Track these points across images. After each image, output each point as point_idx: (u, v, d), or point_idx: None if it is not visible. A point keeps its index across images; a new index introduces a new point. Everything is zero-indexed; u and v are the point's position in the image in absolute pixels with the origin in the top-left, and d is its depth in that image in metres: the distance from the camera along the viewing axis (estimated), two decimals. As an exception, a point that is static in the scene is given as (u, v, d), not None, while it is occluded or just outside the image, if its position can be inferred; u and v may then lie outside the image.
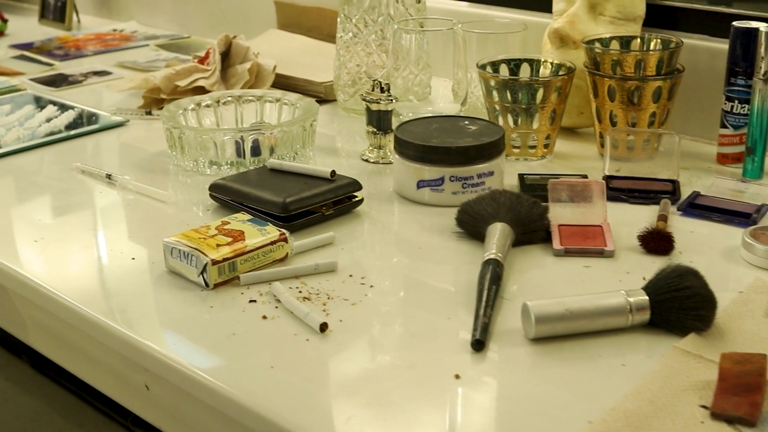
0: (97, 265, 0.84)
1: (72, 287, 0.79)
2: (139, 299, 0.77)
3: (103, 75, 1.41)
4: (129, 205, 0.95)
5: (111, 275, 0.82)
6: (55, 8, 1.76)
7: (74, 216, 0.93)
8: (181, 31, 1.69)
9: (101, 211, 0.95)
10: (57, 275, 0.81)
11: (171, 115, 1.05)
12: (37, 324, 0.85)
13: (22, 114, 1.20)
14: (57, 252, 0.86)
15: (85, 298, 0.77)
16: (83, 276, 0.81)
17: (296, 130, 1.02)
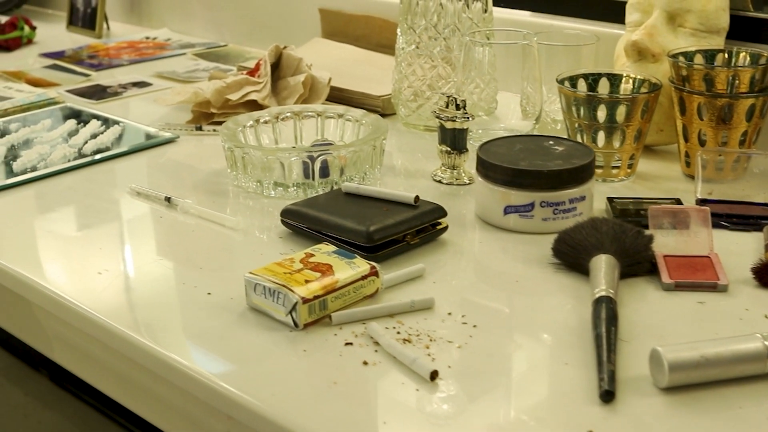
0: (170, 300, 0.77)
1: (147, 326, 0.72)
2: (222, 341, 0.70)
3: (142, 86, 1.34)
4: (193, 232, 0.89)
5: (188, 313, 0.75)
6: (84, 15, 1.70)
7: (136, 245, 0.87)
8: (216, 38, 1.62)
9: (163, 239, 0.88)
10: (128, 313, 0.75)
11: (231, 134, 0.98)
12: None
13: (64, 129, 1.14)
14: (124, 285, 0.79)
15: (161, 337, 0.70)
16: (157, 311, 0.74)
17: (366, 150, 0.96)
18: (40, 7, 1.94)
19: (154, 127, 1.14)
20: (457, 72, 1.08)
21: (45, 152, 1.06)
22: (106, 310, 0.74)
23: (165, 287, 0.79)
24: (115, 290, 0.78)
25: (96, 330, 0.74)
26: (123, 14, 1.77)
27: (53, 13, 1.92)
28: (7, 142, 1.10)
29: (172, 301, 0.76)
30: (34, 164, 1.03)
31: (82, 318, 0.75)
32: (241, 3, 1.58)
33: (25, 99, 1.24)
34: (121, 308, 0.75)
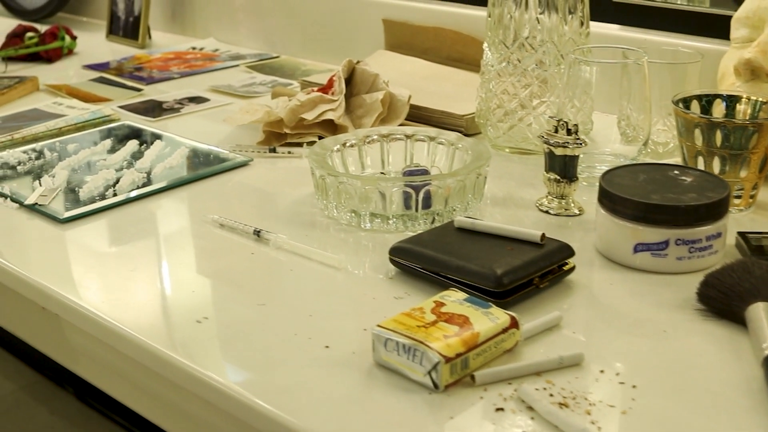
0: (285, 355, 0.68)
1: (266, 390, 0.64)
2: (353, 405, 0.62)
3: (199, 102, 1.26)
4: (292, 271, 0.80)
5: (308, 370, 0.66)
6: (126, 24, 1.62)
7: (232, 288, 0.78)
8: (267, 49, 1.54)
9: (260, 280, 0.80)
10: (238, 368, 0.67)
11: (321, 159, 0.90)
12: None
13: (127, 151, 1.06)
14: (227, 335, 0.70)
15: (285, 404, 0.62)
16: (271, 367, 0.66)
17: (471, 178, 0.88)
18: (75, 15, 1.86)
19: (223, 149, 1.06)
20: (559, 92, 1.01)
21: (111, 177, 0.98)
22: (214, 366, 0.67)
23: (276, 339, 0.70)
24: (219, 342, 0.70)
25: (213, 395, 0.66)
26: (164, 23, 1.69)
27: (88, 21, 1.84)
28: (67, 165, 1.01)
29: (288, 356, 0.68)
30: (101, 191, 0.95)
31: (189, 377, 0.67)
32: (293, 12, 1.50)
33: (79, 117, 1.16)
34: (229, 362, 0.68)
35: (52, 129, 1.13)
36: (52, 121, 1.14)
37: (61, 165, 1.01)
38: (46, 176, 0.98)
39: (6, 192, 0.94)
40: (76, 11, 1.87)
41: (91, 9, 1.84)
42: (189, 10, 1.65)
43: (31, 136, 1.11)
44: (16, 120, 1.16)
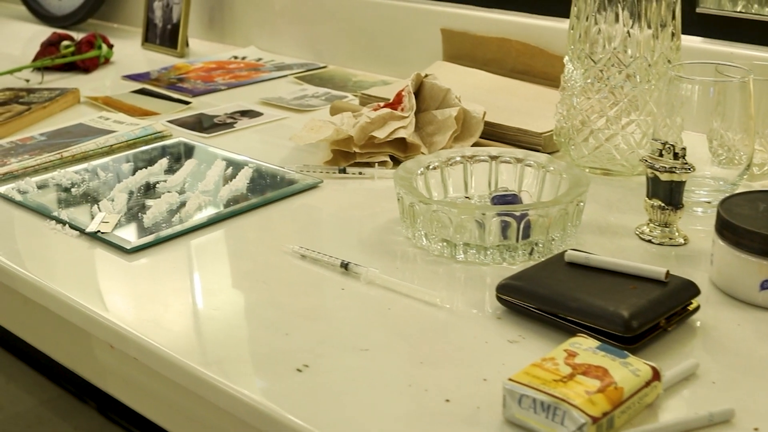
0: (403, 409, 0.61)
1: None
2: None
3: (252, 116, 1.20)
4: (390, 310, 0.73)
5: (433, 428, 0.60)
6: (164, 32, 1.55)
7: (330, 329, 0.71)
8: (313, 59, 1.47)
9: (357, 320, 0.72)
10: (338, 427, 0.60)
11: (408, 185, 0.84)
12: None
13: (186, 171, 0.99)
14: (330, 389, 0.64)
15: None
16: (388, 426, 0.60)
17: (572, 207, 0.82)
18: (107, 21, 1.79)
19: (288, 168, 1.00)
20: (651, 110, 0.95)
21: (175, 201, 0.91)
22: (324, 425, 0.60)
23: (389, 390, 0.63)
24: (324, 394, 0.63)
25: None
26: (202, 30, 1.62)
27: (119, 27, 1.76)
28: (125, 188, 0.95)
29: (406, 412, 0.61)
30: (166, 217, 0.88)
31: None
32: (342, 20, 1.43)
33: (130, 133, 1.09)
34: (339, 419, 0.61)
35: (103, 147, 1.06)
36: (102, 138, 1.07)
37: (118, 187, 0.94)
38: (105, 200, 0.91)
39: (63, 218, 0.88)
40: (107, 18, 1.80)
41: (123, 15, 1.77)
42: (228, 17, 1.59)
43: (81, 155, 1.04)
44: (62, 136, 1.10)
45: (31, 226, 0.89)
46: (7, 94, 1.27)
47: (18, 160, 1.02)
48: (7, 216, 0.92)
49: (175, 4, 1.52)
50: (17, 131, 1.16)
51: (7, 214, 0.92)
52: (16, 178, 0.99)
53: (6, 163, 1.02)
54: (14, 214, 0.92)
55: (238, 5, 1.57)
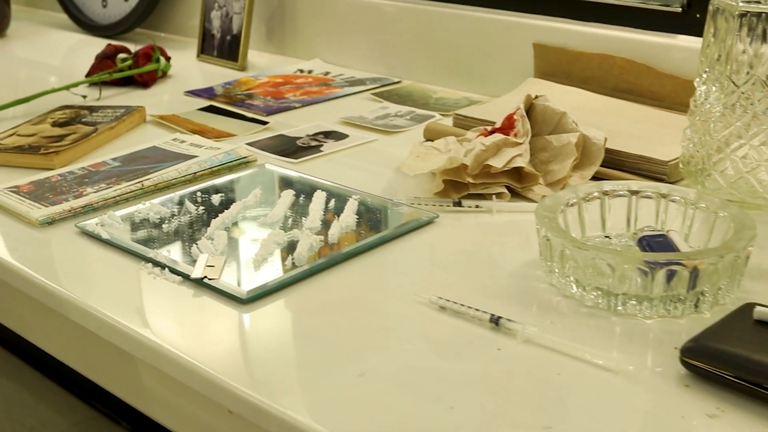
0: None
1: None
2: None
3: (337, 138, 1.10)
4: (560, 376, 0.64)
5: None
6: (222, 43, 1.46)
7: (495, 400, 0.62)
8: (385, 72, 1.38)
9: (527, 390, 0.63)
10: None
11: (554, 226, 0.75)
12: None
13: (285, 204, 0.90)
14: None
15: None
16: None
17: (743, 253, 0.73)
18: (155, 31, 1.70)
19: (398, 201, 0.90)
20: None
21: (282, 240, 0.82)
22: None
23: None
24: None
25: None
26: (259, 41, 1.52)
27: (168, 37, 1.67)
28: (221, 223, 0.86)
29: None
30: (275, 259, 0.79)
31: None
32: (419, 32, 1.33)
33: (212, 159, 1.00)
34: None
35: (186, 174, 0.97)
36: (184, 165, 0.98)
37: (215, 224, 0.85)
38: (204, 238, 0.83)
39: (161, 260, 0.79)
40: (155, 27, 1.70)
41: (173, 25, 1.68)
42: (289, 27, 1.49)
43: (163, 184, 0.95)
44: (137, 161, 1.01)
45: (124, 268, 0.80)
46: (67, 112, 1.18)
47: (95, 190, 0.93)
48: (95, 256, 0.83)
49: (236, 14, 1.43)
50: (84, 155, 1.07)
51: (95, 254, 0.83)
52: (95, 211, 0.90)
53: (82, 192, 0.93)
54: (102, 255, 0.83)
55: (300, 15, 1.48)
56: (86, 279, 0.80)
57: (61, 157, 1.03)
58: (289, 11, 1.49)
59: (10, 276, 0.82)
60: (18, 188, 0.94)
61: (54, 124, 1.13)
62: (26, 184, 0.96)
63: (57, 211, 0.89)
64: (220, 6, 1.46)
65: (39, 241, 0.86)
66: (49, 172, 0.99)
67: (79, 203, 0.90)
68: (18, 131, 1.11)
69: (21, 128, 1.12)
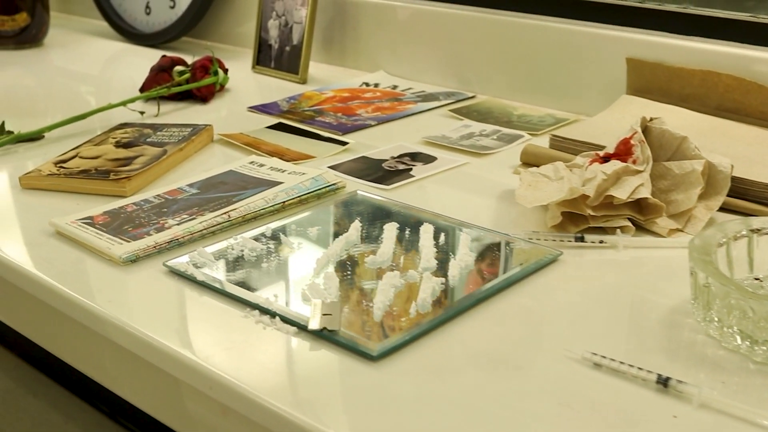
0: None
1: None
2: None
3: (425, 160, 1.02)
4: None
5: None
6: (280, 54, 1.37)
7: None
8: (456, 86, 1.30)
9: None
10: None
11: (714, 272, 0.67)
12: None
13: (392, 240, 0.80)
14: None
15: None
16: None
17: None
18: (200, 39, 1.62)
19: (514, 236, 0.82)
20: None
21: (399, 284, 0.74)
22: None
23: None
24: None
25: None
26: (316, 52, 1.43)
27: (214, 46, 1.59)
28: (326, 261, 0.78)
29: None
30: (397, 308, 0.71)
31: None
32: (494, 43, 1.26)
33: (299, 185, 0.92)
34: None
35: (274, 204, 0.89)
36: (270, 193, 0.90)
37: (320, 262, 0.77)
38: (312, 280, 0.74)
39: (271, 308, 0.71)
40: (200, 35, 1.62)
41: (219, 33, 1.59)
42: (351, 37, 1.41)
43: (251, 215, 0.87)
44: (216, 188, 0.93)
45: (225, 315, 0.71)
46: (129, 132, 1.10)
47: (177, 222, 0.85)
48: (190, 300, 0.74)
49: (296, 24, 1.35)
50: (155, 179, 0.99)
51: (189, 298, 0.74)
52: (181, 246, 0.82)
53: (164, 225, 0.85)
54: (196, 298, 0.74)
55: (363, 24, 1.39)
56: (183, 327, 0.71)
57: (133, 183, 0.94)
58: (351, 20, 1.41)
59: (95, 322, 0.74)
60: (92, 219, 0.86)
61: (117, 144, 1.05)
62: (100, 214, 0.88)
63: (140, 247, 0.80)
64: (279, 15, 1.38)
65: (124, 281, 0.78)
66: (122, 200, 0.91)
67: (164, 238, 0.82)
68: (80, 153, 1.03)
69: (83, 149, 1.04)
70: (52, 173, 0.97)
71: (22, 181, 0.97)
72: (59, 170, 0.98)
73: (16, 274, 0.82)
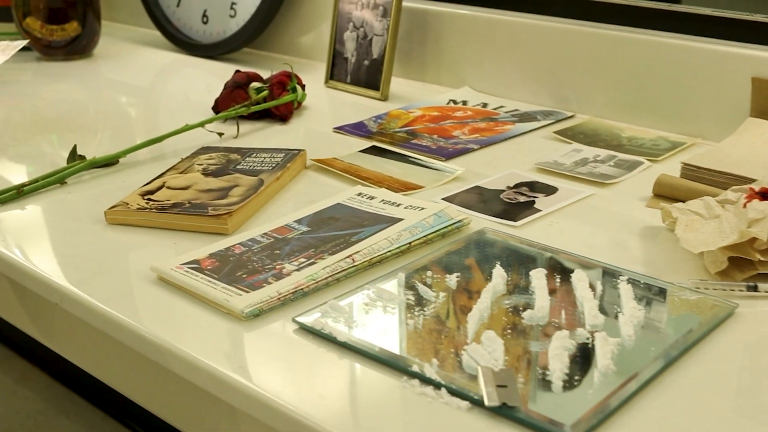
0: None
1: None
2: None
3: (545, 191, 0.93)
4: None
5: None
6: (358, 68, 1.28)
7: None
8: (547, 103, 1.21)
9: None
10: None
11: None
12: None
13: (543, 289, 0.72)
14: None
15: None
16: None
17: None
18: (262, 50, 1.52)
19: (679, 284, 0.73)
20: None
21: (570, 346, 0.65)
22: None
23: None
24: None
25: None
26: (396, 66, 1.34)
27: (274, 57, 1.50)
28: (478, 318, 0.67)
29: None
30: (577, 375, 0.62)
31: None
32: (597, 59, 1.16)
33: (422, 223, 0.82)
34: None
35: (400, 245, 0.80)
36: (392, 231, 0.80)
37: (472, 319, 0.68)
38: (473, 343, 0.65)
39: (435, 378, 0.62)
40: (263, 47, 1.53)
41: (282, 44, 1.49)
42: (432, 50, 1.31)
43: (377, 258, 0.79)
44: (327, 225, 0.83)
45: (377, 385, 0.63)
46: (214, 157, 1.00)
47: (296, 267, 0.75)
48: (329, 364, 0.65)
49: (377, 36, 1.26)
50: (255, 213, 0.90)
51: (331, 363, 0.65)
52: (305, 296, 0.74)
53: (281, 270, 0.75)
54: (336, 361, 0.65)
55: (446, 36, 1.30)
56: (341, 403, 0.61)
57: (235, 219, 0.85)
58: (432, 32, 1.31)
59: (227, 391, 0.65)
60: (199, 264, 0.77)
61: (205, 172, 0.96)
62: (206, 257, 0.78)
63: (263, 299, 0.71)
64: (356, 26, 1.29)
65: (250, 341, 0.68)
66: (224, 239, 0.82)
67: (286, 287, 0.73)
68: (167, 182, 0.94)
69: (169, 178, 0.95)
70: (142, 207, 0.88)
71: (108, 216, 0.88)
72: (148, 203, 0.89)
73: (118, 328, 0.72)
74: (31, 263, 0.80)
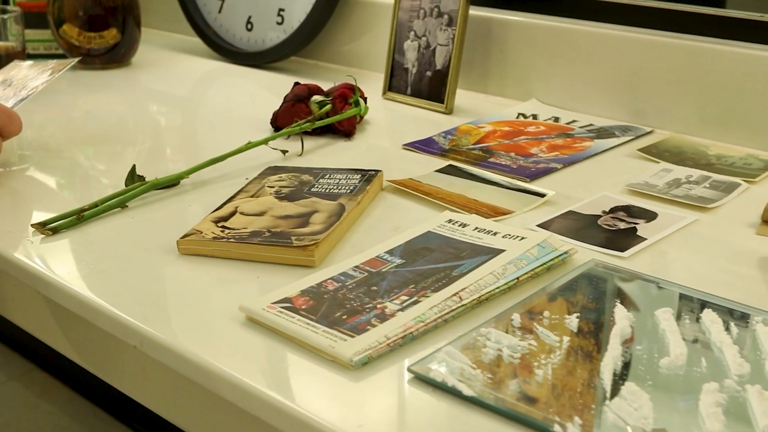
0: None
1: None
2: None
3: (647, 217, 0.87)
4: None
5: None
6: (419, 79, 1.21)
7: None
8: (622, 117, 1.15)
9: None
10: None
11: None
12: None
13: (675, 333, 0.65)
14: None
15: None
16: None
17: None
18: (309, 59, 1.46)
19: None
20: None
21: (723, 401, 0.59)
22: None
23: None
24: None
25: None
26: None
27: (323, 66, 1.44)
28: (611, 367, 0.62)
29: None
30: None
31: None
32: (677, 71, 1.10)
33: (526, 255, 0.76)
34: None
35: (507, 280, 0.74)
36: (495, 265, 0.74)
37: (605, 369, 0.62)
38: (623, 402, 0.59)
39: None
40: (310, 55, 1.47)
41: (330, 52, 1.43)
42: (496, 60, 1.25)
43: (486, 295, 0.72)
44: (422, 257, 0.77)
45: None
46: (284, 178, 0.94)
47: (398, 306, 0.69)
48: (451, 421, 0.59)
49: (440, 46, 1.20)
50: (338, 242, 0.84)
51: (460, 421, 0.59)
52: (414, 340, 0.68)
53: (383, 310, 0.69)
54: (464, 419, 0.59)
55: (511, 45, 1.24)
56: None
57: (321, 250, 0.79)
58: (497, 41, 1.25)
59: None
60: (292, 303, 0.71)
61: (278, 196, 0.90)
62: (298, 295, 0.72)
63: (371, 345, 0.65)
64: (418, 36, 1.22)
65: (364, 395, 0.62)
66: (312, 272, 0.76)
67: (394, 331, 0.66)
68: (240, 207, 0.88)
69: (240, 203, 0.89)
70: (218, 236, 0.81)
71: (180, 246, 0.81)
72: (224, 231, 0.83)
73: (210, 377, 0.66)
74: (105, 302, 0.74)
